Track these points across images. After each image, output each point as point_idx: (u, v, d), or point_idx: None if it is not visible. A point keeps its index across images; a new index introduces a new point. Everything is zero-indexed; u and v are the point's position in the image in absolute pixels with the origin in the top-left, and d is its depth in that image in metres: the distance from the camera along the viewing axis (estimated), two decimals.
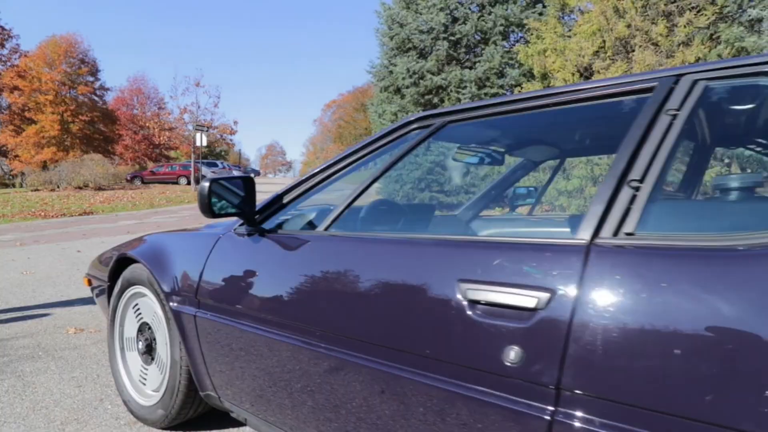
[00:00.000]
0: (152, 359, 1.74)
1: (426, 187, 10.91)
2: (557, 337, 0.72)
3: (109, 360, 1.94)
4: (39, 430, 1.73)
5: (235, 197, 1.37)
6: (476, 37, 11.83)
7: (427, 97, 12.14)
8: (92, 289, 2.27)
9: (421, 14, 12.18)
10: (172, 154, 36.13)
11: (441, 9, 11.79)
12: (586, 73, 9.00)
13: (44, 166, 24.23)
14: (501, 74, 11.43)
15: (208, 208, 1.25)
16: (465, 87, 11.35)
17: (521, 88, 10.50)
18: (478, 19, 11.58)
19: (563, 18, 10.43)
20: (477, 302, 0.82)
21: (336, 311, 1.06)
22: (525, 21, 10.75)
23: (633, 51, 8.52)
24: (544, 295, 0.75)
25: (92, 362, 2.41)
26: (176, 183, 24.50)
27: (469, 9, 11.75)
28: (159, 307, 1.64)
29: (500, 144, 1.56)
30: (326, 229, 1.23)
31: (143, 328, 1.78)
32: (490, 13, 11.43)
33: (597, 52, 8.82)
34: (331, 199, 1.40)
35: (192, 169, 21.70)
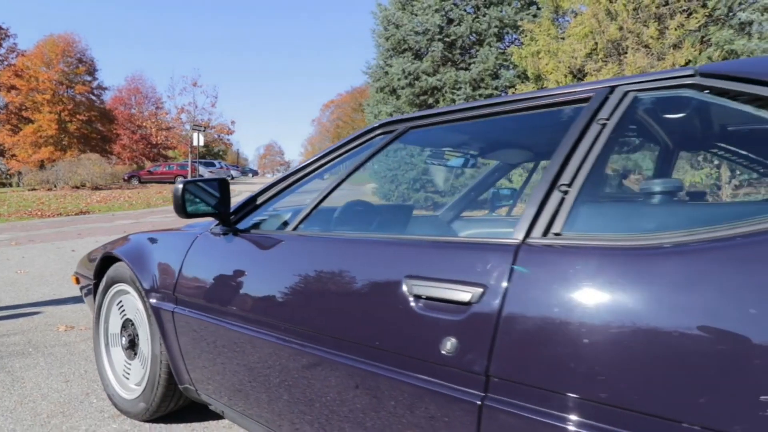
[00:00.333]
0: (135, 354, 1.80)
1: (421, 188, 10.98)
2: (487, 328, 0.79)
3: (95, 355, 2.00)
4: (25, 422, 1.79)
5: (211, 198, 1.44)
6: (471, 38, 11.90)
7: (422, 97, 12.21)
8: (81, 288, 2.33)
9: (416, 15, 12.24)
10: (170, 153, 36.13)
11: (436, 10, 11.86)
12: (579, 74, 9.08)
13: (41, 165, 24.24)
14: (495, 75, 11.50)
15: (181, 209, 1.32)
16: (460, 88, 11.42)
17: (515, 89, 10.57)
18: (473, 20, 11.65)
19: (558, 20, 10.50)
20: (420, 297, 0.89)
21: (297, 307, 1.13)
22: (519, 23, 10.82)
23: (625, 53, 8.60)
24: (478, 290, 0.82)
25: (81, 358, 2.47)
26: (173, 183, 24.54)
27: (464, 10, 11.82)
28: (141, 304, 1.71)
29: (458, 147, 1.63)
30: (294, 229, 1.29)
31: (127, 324, 1.84)
32: (484, 15, 11.50)
33: (589, 54, 8.90)
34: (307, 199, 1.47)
35: (189, 169, 21.74)
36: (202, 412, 1.83)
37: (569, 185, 0.85)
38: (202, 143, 20.73)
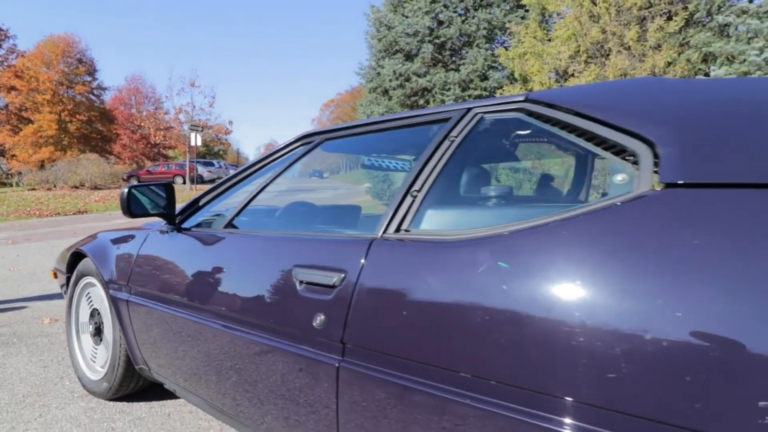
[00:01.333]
0: (101, 340, 2.01)
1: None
2: (344, 305, 0.99)
3: (67, 342, 2.20)
4: (2, 401, 1.99)
5: (160, 200, 1.64)
6: (461, 40, 12.08)
7: (413, 98, 12.41)
8: (61, 286, 2.53)
9: (407, 17, 12.43)
10: (170, 153, 36.36)
11: (426, 12, 12.05)
12: (563, 76, 9.26)
13: (42, 165, 24.50)
14: (484, 77, 11.68)
15: (126, 210, 1.53)
16: (449, 89, 11.61)
17: (503, 90, 10.75)
18: (462, 22, 11.84)
19: (545, 22, 10.68)
20: (303, 282, 1.09)
21: (221, 294, 1.33)
22: (507, 25, 11.01)
23: (608, 55, 8.78)
24: (341, 275, 1.01)
25: (60, 347, 2.67)
26: (172, 182, 24.75)
27: (454, 12, 12.00)
28: (104, 295, 1.91)
29: (364, 154, 1.83)
30: (224, 227, 1.50)
31: (94, 313, 2.05)
32: (473, 17, 11.68)
33: (573, 56, 9.08)
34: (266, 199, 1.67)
35: (187, 168, 21.96)
36: (162, 393, 2.04)
37: (419, 191, 1.04)
38: (199, 143, 20.93)
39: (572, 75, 8.97)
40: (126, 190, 1.53)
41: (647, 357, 0.63)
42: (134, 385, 1.92)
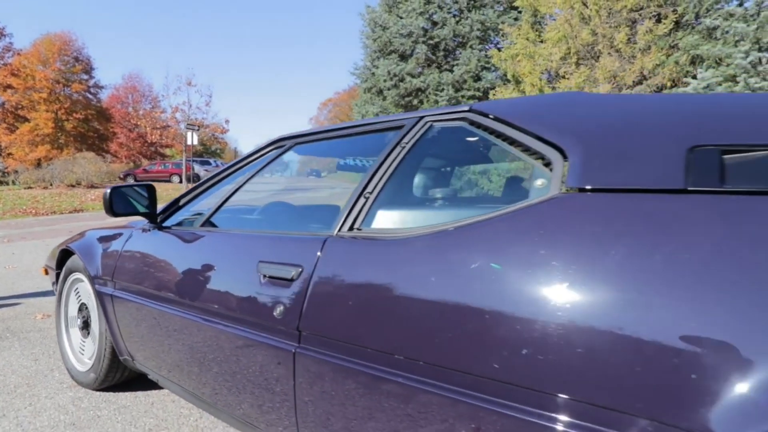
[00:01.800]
0: (88, 333, 2.11)
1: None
2: (301, 297, 1.09)
3: (57, 335, 2.30)
4: None
5: (143, 200, 1.74)
6: (454, 41, 12.19)
7: (407, 98, 12.51)
8: (52, 283, 2.63)
9: (401, 18, 12.52)
10: (167, 152, 36.39)
11: (420, 13, 12.14)
12: (555, 77, 9.37)
13: (38, 164, 24.51)
14: (477, 77, 11.79)
15: (109, 210, 1.63)
16: (442, 90, 11.71)
17: (495, 91, 10.86)
18: (456, 23, 11.94)
19: (538, 24, 10.79)
20: (266, 276, 1.19)
21: (198, 288, 1.42)
22: (500, 26, 11.11)
23: (598, 57, 8.89)
24: (298, 270, 1.11)
25: (52, 342, 2.77)
26: (169, 181, 24.78)
27: (448, 13, 12.10)
28: (91, 290, 2.01)
29: (330, 157, 1.93)
30: (201, 225, 1.59)
31: (82, 307, 2.14)
32: (467, 18, 11.78)
33: (564, 57, 9.19)
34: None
35: (184, 167, 22.02)
36: (147, 384, 2.13)
37: (371, 192, 1.14)
38: (196, 142, 21.00)
39: (563, 76, 9.08)
40: (109, 190, 1.63)
41: (542, 335, 0.73)
42: (120, 375, 2.02)
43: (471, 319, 0.81)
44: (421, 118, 1.23)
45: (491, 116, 1.08)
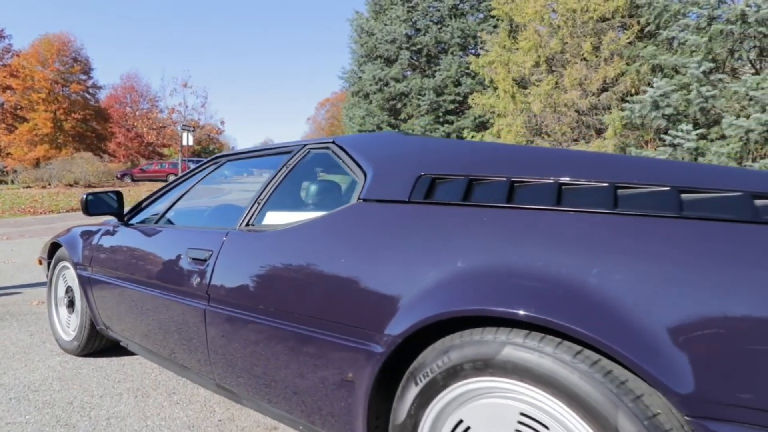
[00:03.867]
0: (73, 310, 2.60)
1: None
2: (209, 271, 1.58)
3: (48, 313, 2.80)
4: None
5: (113, 202, 2.24)
6: (437, 47, 12.68)
7: (391, 102, 13.00)
8: (45, 272, 3.13)
9: (386, 24, 13.02)
10: (165, 152, 36.86)
11: (404, 20, 12.63)
12: (524, 84, 9.87)
13: (37, 163, 24.98)
14: (458, 83, 12.28)
15: (85, 211, 2.13)
16: (424, 94, 12.20)
17: (473, 96, 11.36)
18: (438, 30, 12.43)
19: (514, 32, 11.28)
20: (190, 258, 1.68)
21: (149, 268, 1.92)
22: (479, 33, 11.61)
23: (566, 65, 9.39)
24: (209, 253, 1.61)
25: (45, 322, 3.26)
26: (165, 180, 25.30)
27: (430, 21, 12.60)
28: (75, 274, 2.51)
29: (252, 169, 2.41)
30: (155, 223, 2.10)
31: (68, 289, 2.64)
32: (448, 26, 12.27)
33: (535, 65, 9.69)
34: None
35: (180, 167, 22.52)
36: (120, 352, 2.63)
37: (262, 199, 1.64)
38: (191, 142, 21.54)
39: (533, 84, 9.58)
40: (84, 196, 2.13)
41: (338, 287, 1.22)
42: (98, 343, 2.52)
43: (301, 281, 1.31)
44: (304, 146, 1.73)
45: (342, 147, 1.57)
